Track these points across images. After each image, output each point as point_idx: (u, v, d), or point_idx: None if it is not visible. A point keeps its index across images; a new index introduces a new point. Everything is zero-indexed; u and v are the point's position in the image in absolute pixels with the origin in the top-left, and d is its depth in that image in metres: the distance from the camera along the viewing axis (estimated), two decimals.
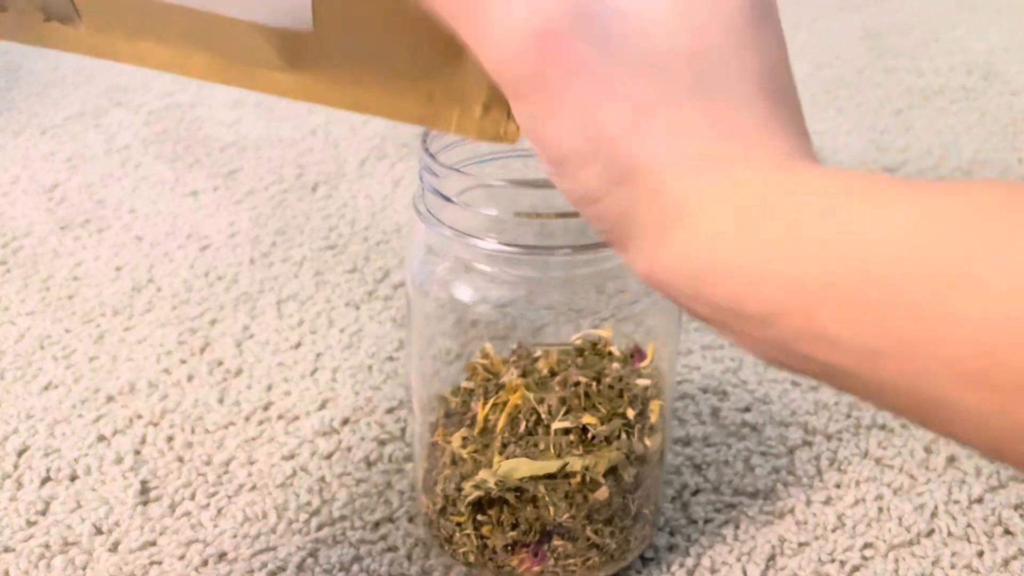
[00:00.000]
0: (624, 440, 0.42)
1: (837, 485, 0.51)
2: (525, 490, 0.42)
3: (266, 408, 0.57)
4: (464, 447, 0.42)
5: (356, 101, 0.30)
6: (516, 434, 0.42)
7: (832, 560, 0.47)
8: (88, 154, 0.88)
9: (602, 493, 0.42)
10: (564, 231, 0.38)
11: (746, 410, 0.57)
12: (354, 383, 0.59)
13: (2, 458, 0.53)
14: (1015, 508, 0.50)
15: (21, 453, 0.54)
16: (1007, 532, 0.49)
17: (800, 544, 0.48)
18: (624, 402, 0.42)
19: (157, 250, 0.73)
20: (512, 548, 0.43)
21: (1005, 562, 0.47)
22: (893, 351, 0.21)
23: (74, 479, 0.52)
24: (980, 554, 0.47)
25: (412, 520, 0.49)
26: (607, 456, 0.41)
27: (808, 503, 0.50)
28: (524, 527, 0.42)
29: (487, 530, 0.43)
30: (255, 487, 0.51)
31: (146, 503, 0.51)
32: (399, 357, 0.61)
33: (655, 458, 0.44)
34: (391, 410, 0.57)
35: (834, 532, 0.49)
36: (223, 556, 0.48)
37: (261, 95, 0.98)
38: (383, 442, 0.54)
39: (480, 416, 0.42)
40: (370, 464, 0.53)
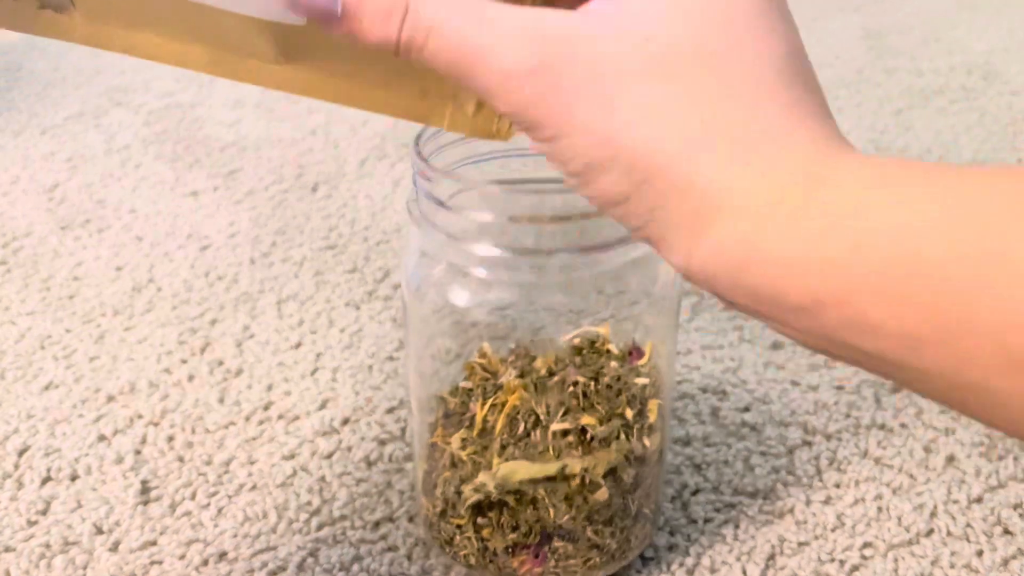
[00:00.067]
0: (623, 441, 0.42)
1: (836, 485, 0.52)
2: (525, 493, 0.42)
3: (266, 408, 0.57)
4: (463, 448, 0.42)
5: (349, 95, 0.30)
6: (515, 435, 0.42)
7: (832, 560, 0.47)
8: (88, 154, 0.88)
9: (602, 494, 0.42)
10: (561, 234, 0.38)
11: (746, 410, 0.57)
12: (354, 383, 0.59)
13: (3, 458, 0.54)
14: (1014, 508, 0.50)
15: (22, 453, 0.54)
16: (1006, 532, 0.49)
17: (800, 544, 0.48)
18: (623, 402, 0.42)
19: (157, 250, 0.73)
20: (513, 550, 0.43)
21: (1004, 562, 0.47)
22: (935, 337, 0.21)
23: (75, 479, 0.52)
24: (979, 554, 0.48)
25: (412, 520, 0.49)
26: (606, 457, 0.41)
27: (808, 503, 0.50)
28: (524, 529, 0.42)
29: (487, 533, 0.43)
30: (255, 487, 0.52)
31: (146, 503, 0.51)
32: (399, 357, 0.61)
33: (654, 458, 0.44)
34: (391, 410, 0.57)
35: (834, 532, 0.49)
36: (223, 556, 0.48)
37: (261, 94, 0.98)
38: (383, 442, 0.54)
39: (479, 417, 0.42)
40: (370, 464, 0.53)
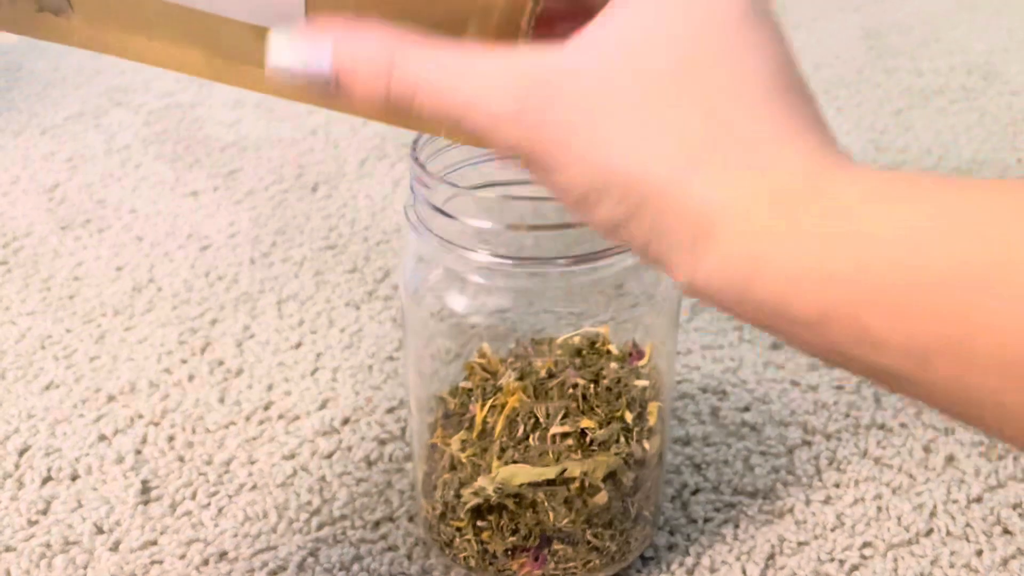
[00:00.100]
0: (622, 444, 0.42)
1: (836, 484, 0.52)
2: (524, 496, 0.42)
3: (267, 408, 0.57)
4: (463, 450, 0.42)
5: (346, 103, 0.30)
6: (514, 438, 0.42)
7: (831, 559, 0.47)
8: (88, 154, 0.88)
9: (601, 498, 0.42)
10: (560, 241, 0.37)
11: (745, 410, 0.57)
12: (354, 383, 0.59)
13: (3, 458, 0.54)
14: (1014, 507, 0.50)
15: (22, 453, 0.54)
16: (1006, 531, 0.49)
17: (799, 543, 0.48)
18: (622, 405, 0.42)
19: (157, 250, 0.73)
20: (512, 553, 0.43)
21: (1004, 561, 0.47)
22: (940, 350, 0.21)
23: (75, 479, 0.52)
24: (979, 553, 0.48)
25: (412, 519, 0.49)
26: (605, 461, 0.41)
27: (807, 502, 0.51)
28: (524, 532, 0.42)
29: (487, 535, 0.43)
30: (256, 486, 0.52)
31: (147, 502, 0.51)
32: (399, 357, 0.61)
33: (654, 461, 0.44)
34: (391, 410, 0.57)
35: (833, 531, 0.49)
36: (224, 555, 0.48)
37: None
38: (383, 442, 0.54)
39: (478, 418, 0.42)
40: (370, 463, 0.53)
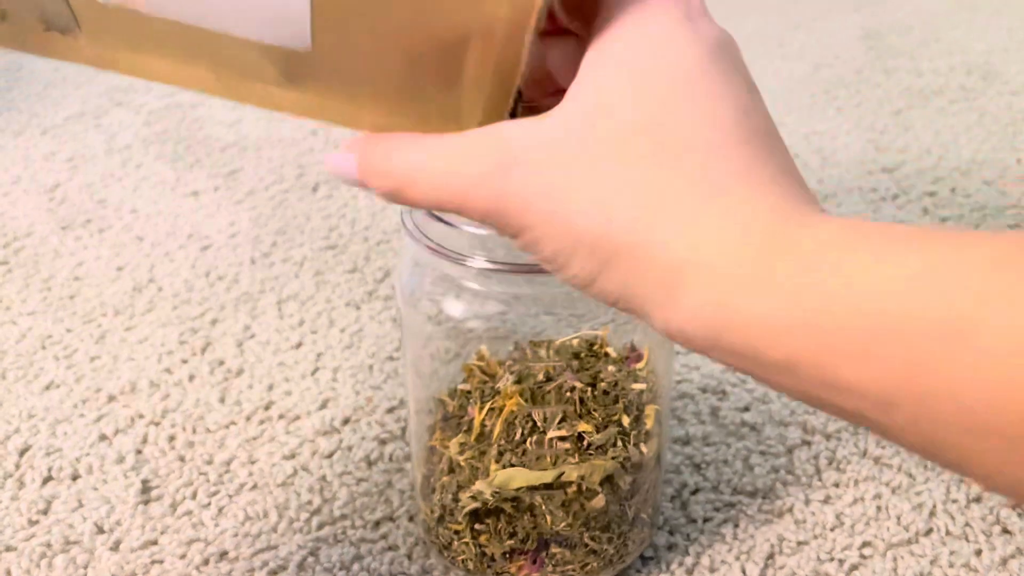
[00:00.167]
0: (620, 448, 0.42)
1: (836, 484, 0.52)
2: (522, 500, 0.42)
3: (267, 408, 0.57)
4: (461, 453, 0.42)
5: (352, 118, 0.30)
6: (512, 442, 0.42)
7: (831, 559, 0.47)
8: (89, 154, 0.88)
9: (598, 502, 0.42)
10: None
11: (745, 409, 0.57)
12: (355, 383, 0.59)
13: (4, 457, 0.54)
14: (1013, 507, 0.50)
15: (23, 452, 0.54)
16: (1005, 531, 0.49)
17: (799, 543, 0.48)
18: (620, 409, 0.42)
19: (158, 250, 0.73)
20: (510, 556, 0.43)
21: (1003, 561, 0.47)
22: (905, 400, 0.21)
23: (76, 478, 0.52)
24: (978, 553, 0.48)
25: (412, 519, 0.50)
26: (603, 465, 0.41)
27: (807, 502, 0.51)
28: (522, 535, 0.42)
29: (485, 539, 0.43)
30: (256, 486, 0.52)
31: (147, 502, 0.51)
32: (399, 357, 0.61)
33: (651, 464, 0.44)
34: (391, 409, 0.57)
35: (833, 531, 0.49)
36: (224, 555, 0.48)
37: None
38: (384, 441, 0.54)
39: (477, 421, 0.42)
40: (371, 463, 0.53)
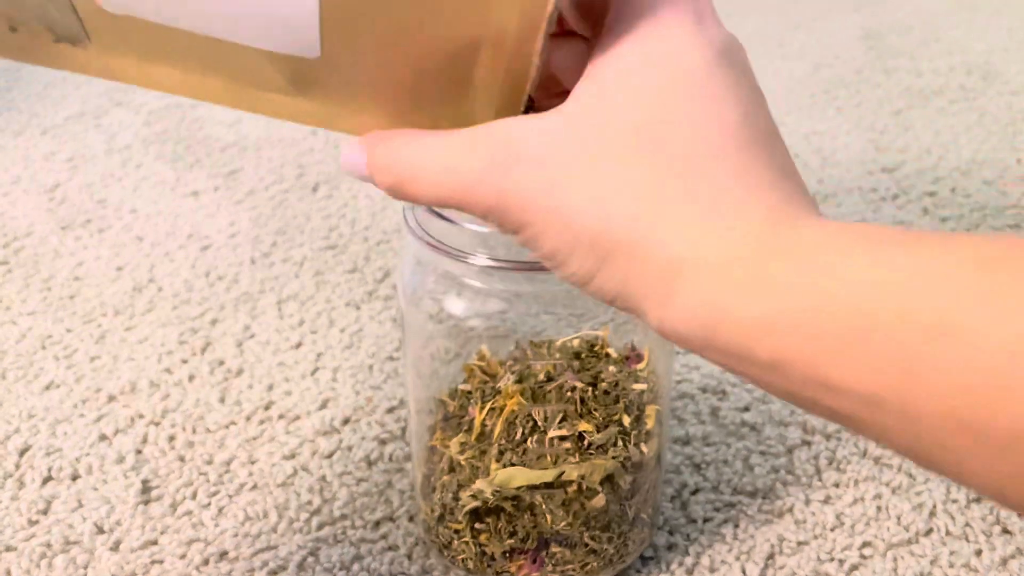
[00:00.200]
0: (620, 448, 0.42)
1: (836, 484, 0.52)
2: (522, 499, 0.42)
3: (267, 408, 0.57)
4: (462, 453, 0.42)
5: (362, 125, 0.30)
6: (513, 441, 0.42)
7: (831, 559, 0.47)
8: (89, 154, 0.88)
9: (599, 501, 0.42)
10: None
11: (745, 409, 0.57)
12: (355, 383, 0.59)
13: (4, 457, 0.54)
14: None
15: (23, 452, 0.54)
16: (1005, 531, 0.49)
17: (799, 543, 0.48)
18: (620, 408, 0.42)
19: (158, 250, 0.73)
20: (510, 555, 0.43)
21: (1003, 561, 0.47)
22: (891, 399, 0.21)
23: (75, 478, 0.52)
24: (978, 553, 0.48)
25: (412, 519, 0.50)
26: (603, 465, 0.41)
27: (807, 502, 0.51)
28: (522, 535, 0.42)
29: (485, 538, 0.43)
30: (256, 486, 0.52)
31: (147, 502, 0.51)
32: (399, 357, 0.61)
33: (652, 464, 0.44)
34: (391, 409, 0.57)
35: (833, 531, 0.49)
36: (224, 555, 0.48)
37: None
38: (384, 441, 0.54)
39: (477, 421, 0.42)
40: (371, 463, 0.53)
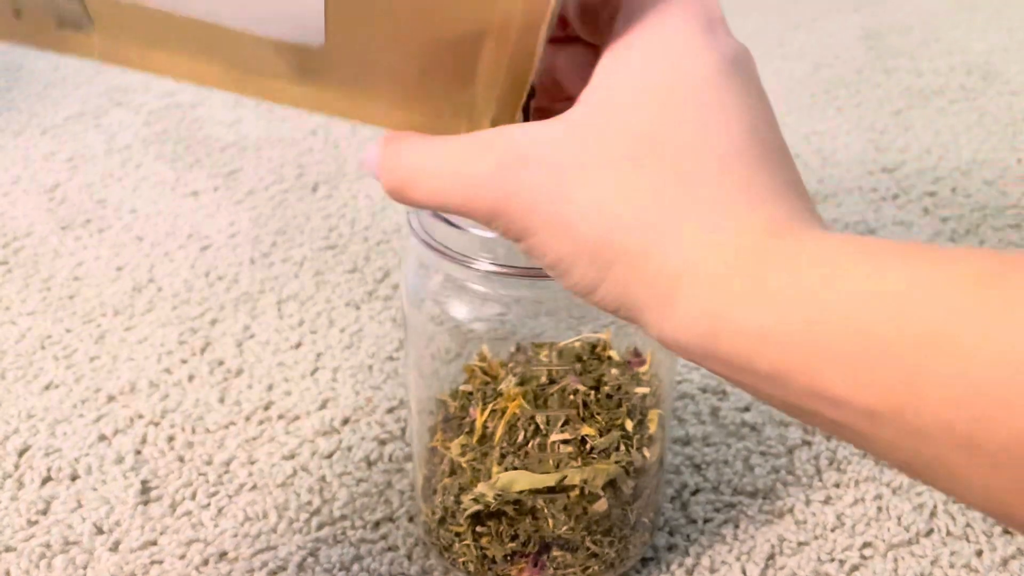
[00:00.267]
0: (623, 452, 0.42)
1: (836, 484, 0.52)
2: (524, 502, 0.42)
3: (267, 408, 0.57)
4: (463, 455, 0.42)
5: (365, 114, 0.31)
6: (514, 444, 0.41)
7: (831, 559, 0.47)
8: (89, 154, 0.88)
9: (601, 506, 0.42)
10: None
11: (745, 410, 0.57)
12: (354, 383, 0.59)
13: (3, 458, 0.54)
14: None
15: (22, 453, 0.54)
16: (1006, 531, 0.49)
17: (799, 543, 0.48)
18: (623, 413, 0.42)
19: (158, 250, 0.73)
20: (511, 558, 0.43)
21: (1004, 561, 0.47)
22: (890, 412, 0.21)
23: (75, 479, 0.52)
24: (979, 553, 0.48)
25: (412, 520, 0.49)
26: (605, 469, 0.41)
27: (807, 502, 0.51)
28: (523, 538, 0.42)
29: (486, 541, 0.43)
30: (256, 487, 0.52)
31: (147, 503, 0.51)
32: (399, 357, 0.61)
33: (654, 468, 0.44)
34: (391, 410, 0.57)
35: (833, 531, 0.49)
36: (224, 555, 0.48)
37: None
38: (383, 442, 0.54)
39: (478, 423, 0.42)
40: (370, 464, 0.53)
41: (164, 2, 0.28)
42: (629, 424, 0.42)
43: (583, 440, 0.41)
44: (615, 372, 0.43)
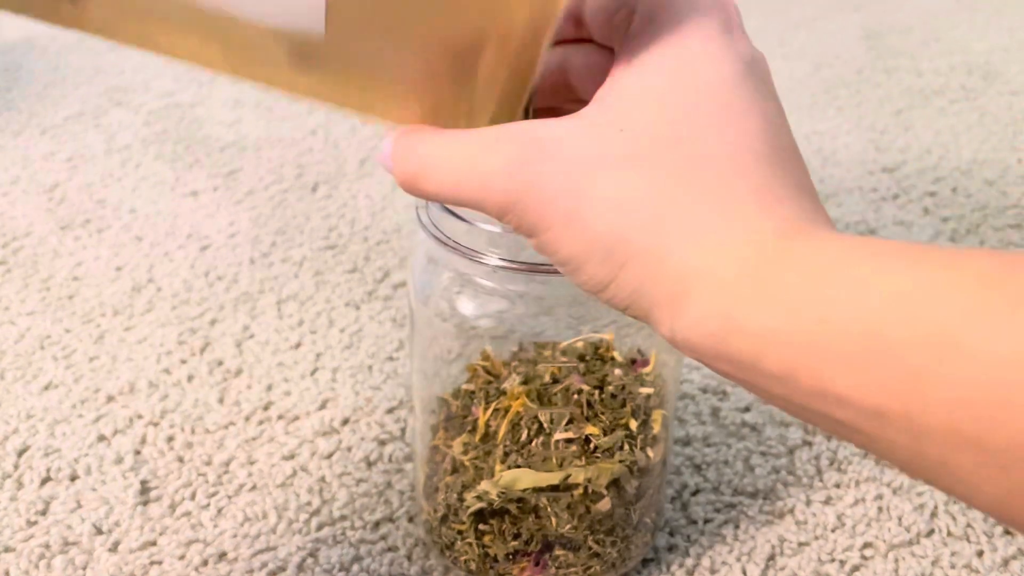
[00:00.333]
0: (627, 452, 0.42)
1: (837, 485, 0.52)
2: (527, 501, 0.41)
3: (266, 408, 0.57)
4: (465, 453, 0.42)
5: (362, 105, 0.30)
6: (518, 442, 0.41)
7: (832, 560, 0.47)
8: (88, 154, 0.88)
9: (604, 505, 0.41)
10: None
11: (746, 410, 0.57)
12: (354, 383, 0.59)
13: (2, 458, 0.54)
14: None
15: (21, 453, 0.54)
16: (1006, 532, 0.49)
17: (800, 544, 0.48)
18: (627, 412, 0.42)
19: (157, 250, 0.73)
20: (513, 557, 0.43)
21: (1005, 562, 0.47)
22: (895, 412, 0.21)
23: (74, 479, 0.52)
24: (980, 554, 0.48)
25: (412, 520, 0.49)
26: (609, 468, 0.41)
27: (808, 503, 0.50)
28: (526, 537, 0.42)
29: (488, 539, 0.43)
30: (255, 487, 0.51)
31: (146, 503, 0.51)
32: (399, 357, 0.61)
33: (657, 468, 0.44)
34: (391, 410, 0.57)
35: (834, 532, 0.49)
36: (223, 556, 0.48)
37: (261, 94, 0.98)
38: (383, 442, 0.54)
39: (481, 421, 0.42)
40: (370, 464, 0.53)
41: None
42: (633, 424, 0.42)
43: (587, 439, 0.41)
44: (619, 372, 0.43)
